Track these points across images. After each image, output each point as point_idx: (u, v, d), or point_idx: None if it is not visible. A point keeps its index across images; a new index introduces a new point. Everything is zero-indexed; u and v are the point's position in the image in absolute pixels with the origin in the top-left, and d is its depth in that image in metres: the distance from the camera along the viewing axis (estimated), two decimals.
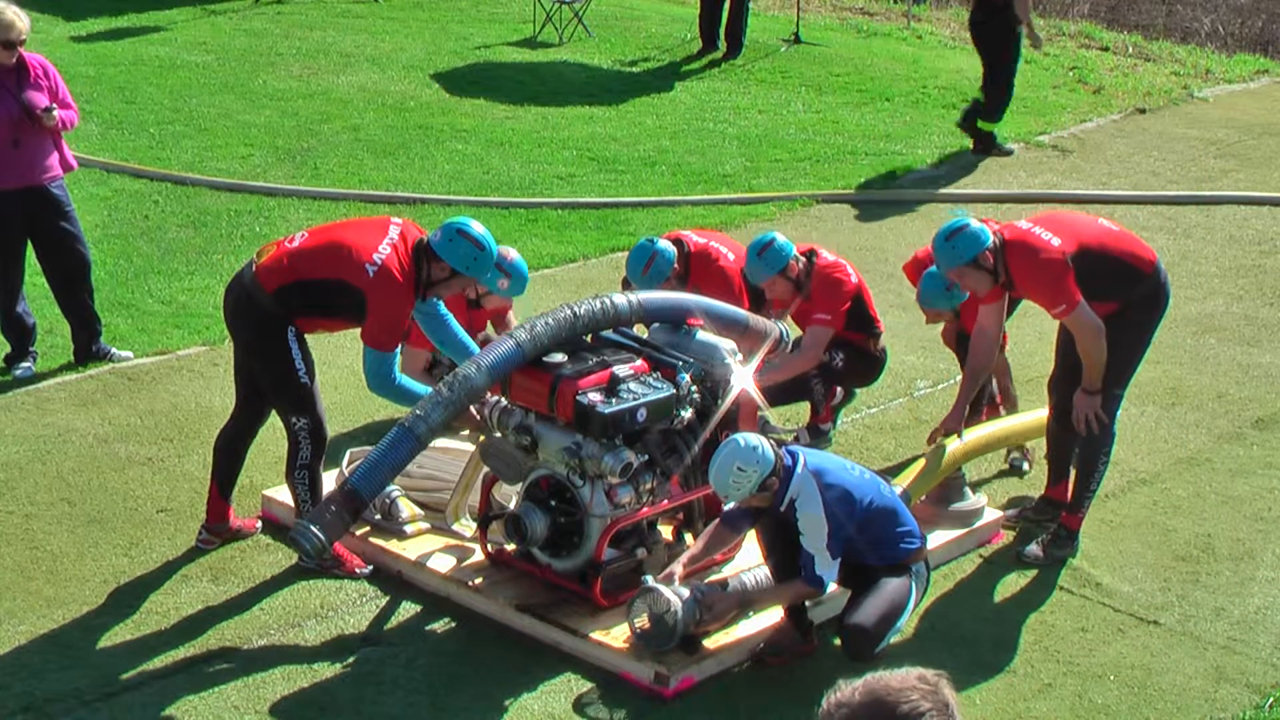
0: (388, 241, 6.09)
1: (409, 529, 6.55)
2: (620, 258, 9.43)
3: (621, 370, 6.04)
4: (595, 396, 5.89)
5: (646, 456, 6.06)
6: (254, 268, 6.22)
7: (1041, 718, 5.73)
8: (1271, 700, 5.84)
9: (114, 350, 8.34)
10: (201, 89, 13.62)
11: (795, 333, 7.41)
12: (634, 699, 5.71)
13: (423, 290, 6.20)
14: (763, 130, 13.17)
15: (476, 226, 6.22)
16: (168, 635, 5.99)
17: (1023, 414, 7.40)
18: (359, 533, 6.50)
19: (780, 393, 7.41)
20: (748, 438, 5.70)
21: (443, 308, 6.47)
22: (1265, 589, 6.59)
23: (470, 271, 6.21)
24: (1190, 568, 6.74)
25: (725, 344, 6.34)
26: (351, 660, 5.88)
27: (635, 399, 5.93)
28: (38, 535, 6.64)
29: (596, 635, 5.90)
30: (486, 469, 6.31)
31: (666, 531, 6.48)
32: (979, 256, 6.38)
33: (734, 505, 5.87)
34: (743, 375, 6.31)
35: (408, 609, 6.24)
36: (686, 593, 5.76)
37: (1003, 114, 12.62)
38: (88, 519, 6.79)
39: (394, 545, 6.48)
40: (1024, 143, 13.00)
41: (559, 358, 6.05)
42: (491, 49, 15.41)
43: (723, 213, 11.09)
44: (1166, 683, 5.95)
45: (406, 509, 6.60)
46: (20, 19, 7.78)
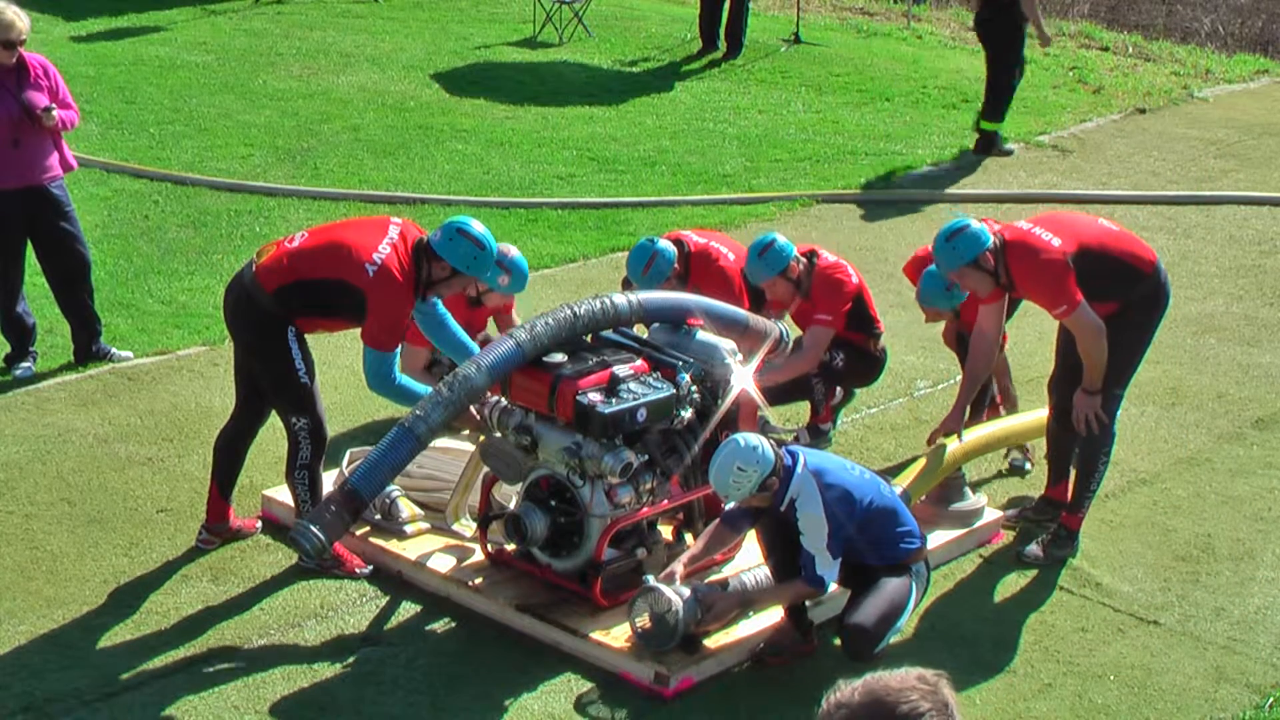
0: (387, 241, 6.09)
1: (409, 529, 6.55)
2: (620, 258, 9.43)
3: (621, 370, 6.04)
4: (595, 396, 5.89)
5: (646, 456, 6.06)
6: (254, 268, 6.22)
7: (1041, 718, 5.73)
8: (1271, 700, 5.84)
9: (114, 350, 8.34)
10: (201, 89, 13.62)
11: (795, 333, 7.41)
12: (634, 699, 5.71)
13: (423, 290, 6.20)
14: (763, 130, 13.17)
15: (476, 225, 6.22)
16: (168, 635, 5.99)
17: (1023, 414, 7.40)
18: (359, 533, 6.50)
19: (780, 393, 7.41)
20: (748, 438, 5.70)
21: (441, 307, 6.47)
22: (1265, 589, 6.59)
23: (471, 270, 6.21)
24: (1190, 568, 6.74)
25: (725, 344, 6.33)
26: (351, 660, 5.88)
27: (635, 399, 5.93)
28: (38, 535, 6.64)
29: (596, 635, 5.90)
30: (486, 469, 6.31)
31: (666, 531, 6.47)
32: (979, 257, 6.38)
33: (734, 505, 5.88)
34: (743, 375, 6.30)
35: (408, 609, 6.24)
36: (687, 592, 5.76)
37: (1004, 113, 12.62)
38: (88, 519, 6.78)
39: (394, 545, 6.48)
40: (1024, 143, 13.00)
41: (559, 358, 6.04)
42: (491, 49, 15.41)
43: (723, 213, 11.09)
44: (1166, 683, 5.94)
45: (406, 509, 6.60)
46: (20, 19, 7.78)
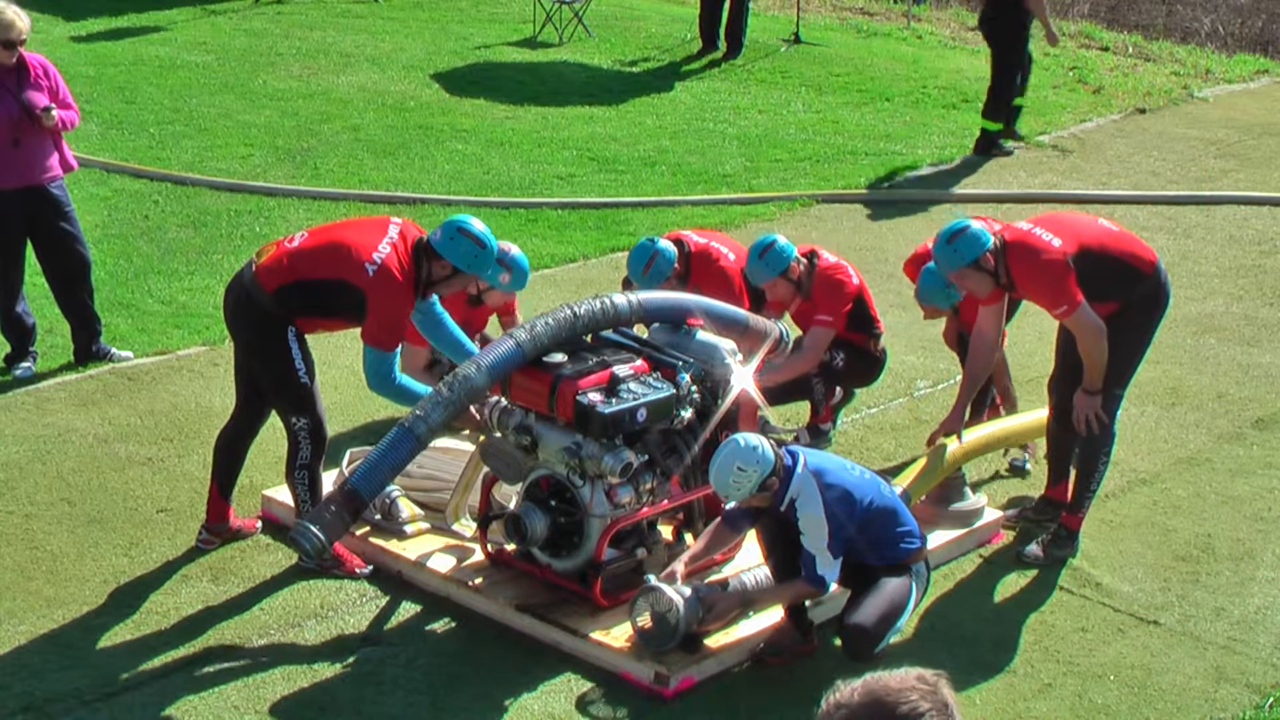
0: (387, 241, 6.10)
1: (409, 529, 6.55)
2: (620, 258, 9.43)
3: (621, 370, 6.04)
4: (595, 396, 5.89)
5: (646, 456, 6.06)
6: (254, 268, 6.23)
7: (1041, 718, 5.73)
8: (1271, 700, 5.84)
9: (114, 350, 8.34)
10: (201, 89, 13.62)
11: (795, 333, 7.41)
12: (634, 699, 5.71)
13: (423, 289, 6.21)
14: (763, 130, 13.17)
15: (476, 224, 6.23)
16: (168, 635, 5.99)
17: (1023, 414, 7.40)
18: (359, 533, 6.50)
19: (780, 393, 7.41)
20: (748, 438, 5.70)
21: (439, 307, 6.48)
22: (1265, 589, 6.59)
23: (472, 269, 6.22)
24: (1190, 568, 6.74)
25: (725, 344, 6.33)
26: (351, 660, 5.88)
27: (635, 399, 5.93)
28: (38, 535, 6.64)
29: (596, 635, 5.90)
30: (486, 469, 6.31)
31: (666, 531, 6.47)
32: (980, 258, 6.38)
33: (734, 505, 5.87)
34: (743, 375, 6.30)
35: (408, 609, 6.23)
36: (689, 591, 5.75)
37: (1006, 113, 12.62)
38: (88, 519, 6.78)
39: (394, 545, 6.48)
40: (1024, 143, 12.99)
41: (559, 358, 6.04)
42: (491, 49, 15.41)
43: (723, 213, 11.09)
44: (1166, 683, 5.94)
45: (406, 509, 6.59)
46: (20, 19, 7.78)
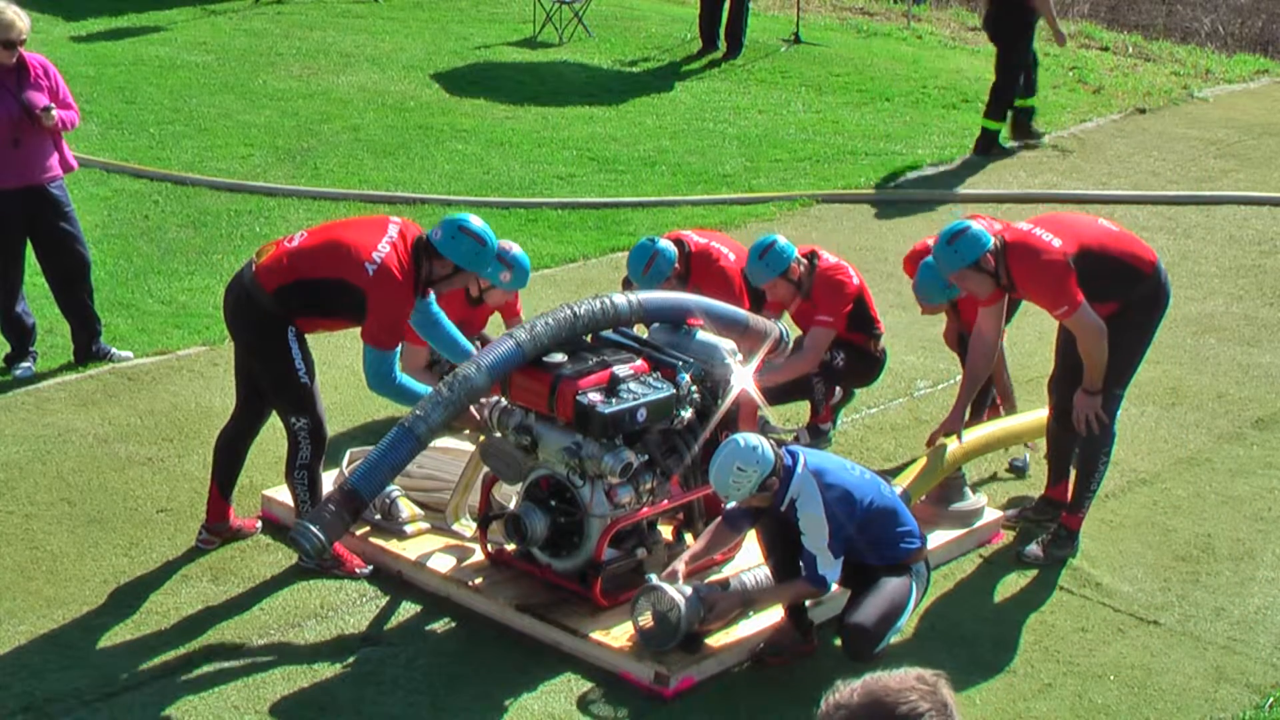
0: (387, 240, 6.10)
1: (409, 529, 6.55)
2: (620, 258, 9.43)
3: (621, 370, 6.04)
4: (595, 396, 5.89)
5: (646, 456, 6.06)
6: (254, 268, 6.23)
7: (1041, 718, 5.73)
8: (1271, 700, 5.84)
9: (114, 350, 8.34)
10: (201, 89, 13.62)
11: (795, 333, 7.41)
12: (634, 699, 5.71)
13: (424, 287, 6.21)
14: (763, 130, 13.17)
15: (475, 221, 6.23)
16: (168, 635, 5.99)
17: (1023, 414, 7.40)
18: (359, 533, 6.50)
19: (780, 392, 7.41)
20: (747, 438, 5.70)
21: (434, 305, 6.48)
22: (1265, 589, 6.59)
23: (473, 266, 6.23)
24: (1190, 568, 6.74)
25: (725, 344, 6.33)
26: (351, 660, 5.88)
27: (635, 399, 5.93)
28: (38, 535, 6.64)
29: (596, 635, 5.90)
30: (486, 469, 6.31)
31: (666, 531, 6.47)
32: (980, 259, 6.38)
33: (734, 505, 5.87)
34: (743, 375, 6.30)
35: (408, 609, 6.23)
36: (690, 591, 5.76)
37: (1007, 113, 12.62)
38: (88, 519, 6.78)
39: (394, 545, 6.48)
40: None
41: (559, 358, 6.04)
42: (491, 49, 15.41)
43: (723, 213, 11.09)
44: (1166, 683, 5.94)
45: (406, 509, 6.59)
46: (20, 19, 7.78)
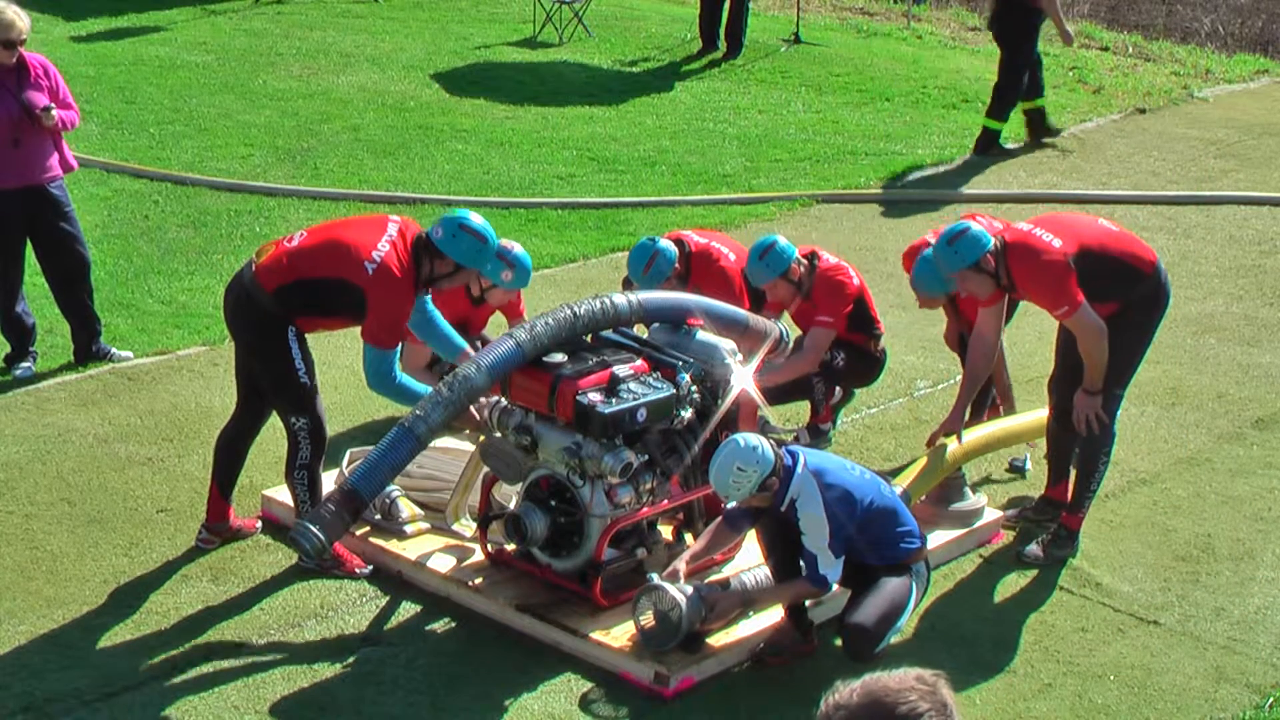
0: (386, 239, 6.10)
1: (409, 529, 6.55)
2: (620, 258, 9.43)
3: (621, 370, 6.04)
4: (595, 396, 5.89)
5: (646, 456, 6.06)
6: (253, 267, 6.23)
7: (1041, 718, 5.73)
8: (1271, 700, 5.84)
9: (114, 350, 8.34)
10: (201, 89, 13.62)
11: (795, 333, 7.41)
12: (634, 699, 5.71)
13: (424, 286, 6.21)
14: (763, 130, 13.17)
15: (476, 218, 6.23)
16: (168, 635, 5.99)
17: (1023, 414, 7.40)
18: (359, 533, 6.50)
19: (780, 393, 7.41)
20: (747, 438, 5.70)
21: (430, 304, 6.48)
22: (1265, 589, 6.59)
23: (473, 264, 6.23)
24: (1190, 568, 6.74)
25: (725, 344, 6.33)
26: (351, 660, 5.88)
27: (635, 399, 5.93)
28: (38, 535, 6.64)
29: (596, 635, 5.90)
30: (486, 469, 6.31)
31: (666, 531, 6.48)
32: (980, 260, 6.38)
33: (734, 505, 5.87)
34: (743, 375, 6.30)
35: (408, 609, 6.24)
36: (691, 590, 5.76)
37: (1009, 113, 12.62)
38: (88, 519, 6.78)
39: (394, 545, 6.48)
40: (1024, 143, 12.99)
41: (559, 358, 6.04)
42: (491, 49, 15.41)
43: (723, 213, 11.09)
44: (1166, 683, 5.94)
45: (406, 509, 6.59)
46: (21, 19, 7.78)
